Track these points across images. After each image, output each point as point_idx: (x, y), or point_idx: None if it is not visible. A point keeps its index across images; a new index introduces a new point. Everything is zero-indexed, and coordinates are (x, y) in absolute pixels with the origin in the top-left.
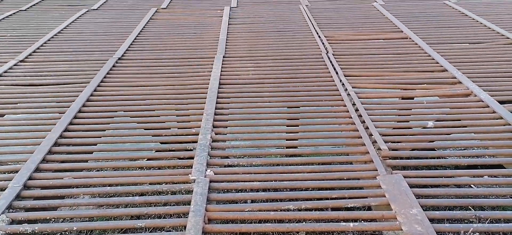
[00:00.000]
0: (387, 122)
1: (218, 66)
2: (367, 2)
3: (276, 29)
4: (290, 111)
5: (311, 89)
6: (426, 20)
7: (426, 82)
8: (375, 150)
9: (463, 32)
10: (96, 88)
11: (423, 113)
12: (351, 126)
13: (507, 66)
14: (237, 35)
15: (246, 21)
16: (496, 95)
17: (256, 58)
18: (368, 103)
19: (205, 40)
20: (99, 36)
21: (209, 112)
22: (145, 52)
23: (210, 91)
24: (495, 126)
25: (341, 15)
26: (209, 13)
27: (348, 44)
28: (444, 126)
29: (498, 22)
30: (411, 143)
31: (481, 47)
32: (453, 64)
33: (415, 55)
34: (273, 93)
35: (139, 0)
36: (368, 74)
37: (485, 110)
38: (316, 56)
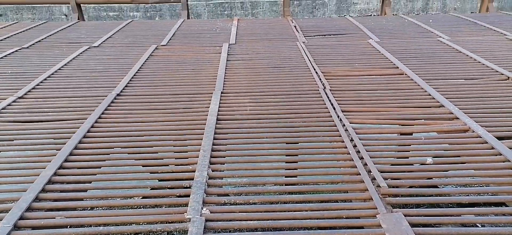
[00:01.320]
0: (385, 158)
1: (216, 102)
2: (362, 40)
3: (274, 65)
4: (289, 147)
5: (309, 125)
6: (421, 57)
7: (423, 118)
8: (374, 187)
9: (457, 68)
10: (93, 124)
11: (422, 149)
12: (350, 162)
13: (502, 102)
14: (235, 71)
15: (244, 58)
16: (493, 131)
17: (254, 94)
18: (366, 139)
19: (204, 77)
20: (99, 73)
21: (206, 149)
22: (144, 88)
23: (207, 127)
24: (495, 162)
25: (337, 52)
26: (208, 50)
27: (345, 80)
28: (443, 162)
29: (491, 58)
30: (410, 180)
31: (476, 83)
32: (450, 99)
33: (411, 90)
34: (271, 129)
35: (140, 38)
36: (365, 109)
37: (484, 147)
38: (314, 92)
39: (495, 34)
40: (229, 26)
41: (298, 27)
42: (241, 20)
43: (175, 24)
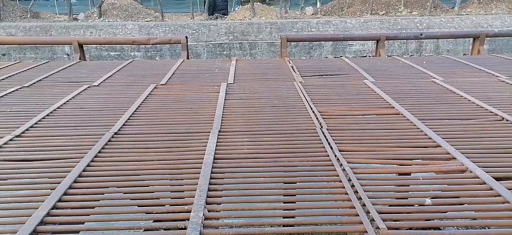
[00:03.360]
0: (384, 198)
1: (213, 141)
2: (358, 80)
3: (271, 104)
4: (286, 187)
5: (306, 164)
6: (415, 97)
7: (420, 158)
8: (373, 228)
9: (452, 108)
10: (89, 163)
11: (421, 189)
12: (348, 202)
13: (499, 142)
14: (233, 110)
15: (242, 97)
16: (491, 171)
17: (252, 133)
18: (364, 178)
19: (202, 115)
20: (97, 111)
21: (203, 188)
22: (142, 127)
23: (204, 166)
24: (495, 204)
25: (333, 91)
26: (206, 89)
27: (342, 119)
28: (442, 203)
29: (484, 99)
30: (410, 221)
31: (471, 123)
32: (446, 139)
33: (408, 130)
34: (269, 168)
35: (140, 77)
36: (362, 149)
37: (483, 187)
38: (311, 131)
39: (487, 75)
40: (228, 66)
41: (295, 68)
42: (239, 61)
43: (174, 63)
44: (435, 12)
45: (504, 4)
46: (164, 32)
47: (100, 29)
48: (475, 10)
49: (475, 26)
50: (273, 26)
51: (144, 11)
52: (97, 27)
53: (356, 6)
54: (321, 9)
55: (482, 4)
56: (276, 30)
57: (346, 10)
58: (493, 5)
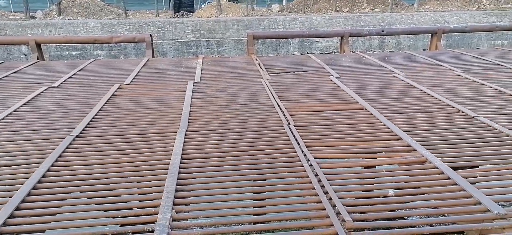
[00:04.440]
0: (349, 191)
1: (180, 140)
2: (324, 76)
3: (239, 102)
4: (256, 185)
5: (274, 161)
6: (379, 92)
7: (384, 151)
8: (339, 221)
9: (412, 102)
10: (49, 168)
11: (384, 181)
12: (315, 197)
13: (455, 134)
14: (200, 109)
15: (209, 95)
16: (448, 162)
17: (219, 131)
18: (330, 173)
19: (168, 115)
20: (57, 114)
21: (170, 189)
22: (105, 129)
23: (171, 167)
24: (452, 192)
25: (300, 87)
26: (172, 88)
27: (308, 115)
28: (405, 194)
29: (442, 92)
30: (375, 213)
31: (430, 116)
32: (407, 132)
33: (371, 124)
34: (237, 166)
35: (103, 77)
36: (328, 144)
37: (441, 177)
38: (278, 128)
39: (444, 70)
40: (194, 64)
41: (262, 65)
42: (206, 58)
43: (139, 62)
44: (396, 9)
45: (459, 2)
46: (128, 30)
47: (60, 27)
48: (433, 7)
49: (433, 22)
50: (240, 23)
51: (107, 8)
52: (57, 26)
53: (321, 4)
54: (287, 6)
55: (439, 1)
56: (243, 27)
57: (311, 7)
58: (449, 2)
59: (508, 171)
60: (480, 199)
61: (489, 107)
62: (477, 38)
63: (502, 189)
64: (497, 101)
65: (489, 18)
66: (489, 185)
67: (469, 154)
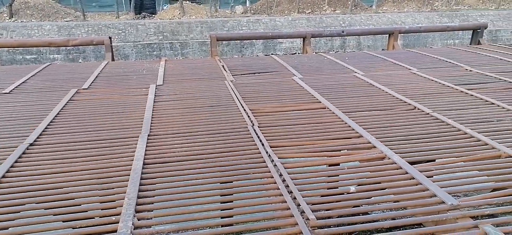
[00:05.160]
0: (313, 190)
1: (142, 145)
2: (287, 77)
3: (202, 105)
4: (223, 187)
5: (239, 163)
6: (340, 91)
7: (346, 148)
8: (303, 220)
9: (372, 100)
10: (0, 180)
11: (347, 178)
12: (280, 197)
13: (411, 130)
14: (162, 112)
15: (172, 98)
16: (406, 157)
17: (183, 135)
18: (294, 173)
19: (129, 119)
20: (9, 122)
21: (132, 196)
22: (62, 136)
23: (133, 173)
24: (410, 186)
25: (264, 88)
26: (133, 91)
27: (272, 116)
28: (367, 190)
29: (399, 91)
30: (338, 210)
31: (388, 113)
32: (367, 130)
33: (334, 123)
34: (202, 169)
35: (59, 82)
36: (292, 144)
37: (399, 172)
38: (243, 129)
39: (401, 68)
40: (156, 67)
41: (226, 66)
42: (168, 61)
43: (98, 66)
44: (356, 10)
45: (414, 3)
46: (87, 33)
47: (12, 30)
48: (390, 8)
49: (391, 23)
50: (204, 25)
51: (63, 10)
52: (9, 29)
53: (283, 5)
54: (251, 8)
55: (396, 2)
56: (207, 29)
57: (274, 8)
58: (404, 4)
59: (460, 163)
60: (435, 191)
61: (443, 104)
62: (431, 38)
63: (456, 181)
64: (450, 98)
65: (441, 19)
66: (443, 178)
67: (425, 149)
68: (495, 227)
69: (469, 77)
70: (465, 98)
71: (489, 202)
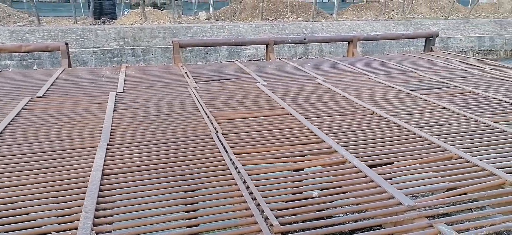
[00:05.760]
0: (278, 196)
1: (101, 155)
2: (250, 83)
3: (165, 112)
4: (186, 196)
5: (203, 171)
6: (302, 97)
7: (309, 154)
8: (267, 226)
9: (333, 106)
10: None
11: (311, 183)
12: (244, 204)
13: (370, 134)
14: (123, 121)
15: (133, 106)
16: (365, 161)
17: (144, 144)
18: (258, 179)
19: (87, 129)
20: None
21: (89, 209)
22: (14, 147)
23: (91, 185)
24: (369, 189)
25: (227, 95)
26: (92, 99)
27: (236, 122)
28: (330, 194)
29: (359, 96)
30: (302, 214)
31: (349, 118)
32: (329, 135)
33: (296, 129)
34: (165, 178)
35: (11, 90)
36: (256, 150)
37: (359, 176)
38: (206, 136)
39: (360, 75)
40: (117, 74)
41: (189, 73)
42: (129, 68)
43: (54, 73)
44: (317, 18)
45: (372, 12)
46: (42, 38)
47: None
48: (350, 16)
49: (350, 31)
50: (167, 31)
51: (16, 14)
52: None
53: (247, 12)
54: (214, 14)
55: (355, 11)
56: (170, 35)
57: (238, 15)
58: (363, 12)
59: (416, 165)
60: (393, 193)
61: (399, 109)
62: (388, 45)
63: (412, 183)
64: (406, 103)
65: (397, 27)
66: (401, 180)
67: (383, 152)
68: (448, 226)
69: (423, 83)
70: (419, 103)
71: (443, 201)
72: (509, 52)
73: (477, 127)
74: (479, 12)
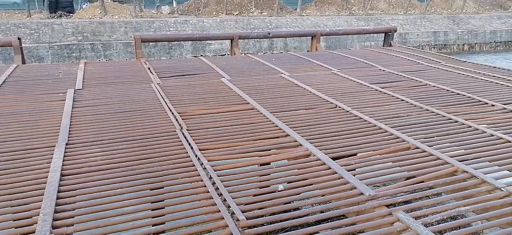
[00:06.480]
0: (244, 190)
1: (59, 155)
2: (215, 79)
3: (127, 109)
4: (152, 194)
5: (168, 168)
6: (267, 91)
7: (274, 148)
8: (233, 221)
9: (297, 100)
10: None
11: (277, 177)
12: (209, 200)
13: (333, 127)
14: (82, 119)
15: (93, 103)
16: (329, 153)
17: (106, 142)
18: (224, 174)
19: (44, 128)
20: None
21: (47, 212)
22: None
23: (49, 186)
24: (333, 180)
25: (192, 91)
26: (49, 97)
27: (201, 118)
28: (296, 186)
29: (322, 90)
30: (269, 208)
31: (313, 112)
32: (293, 129)
33: (262, 123)
34: (128, 177)
35: None
36: (221, 146)
37: (323, 168)
38: (171, 133)
39: (323, 69)
40: (75, 70)
41: (152, 69)
42: (88, 64)
43: (5, 70)
44: (282, 13)
45: (334, 7)
46: None
47: None
48: (313, 11)
49: (314, 26)
50: (128, 25)
51: None
52: None
53: (211, 6)
54: (178, 9)
55: (318, 6)
56: (132, 29)
57: (202, 10)
58: (326, 7)
59: (377, 156)
60: (355, 184)
61: (360, 102)
62: (351, 40)
63: (373, 173)
64: (366, 96)
65: (358, 22)
66: (363, 171)
67: (346, 144)
68: (406, 213)
69: (382, 77)
70: (379, 96)
71: (402, 190)
72: (461, 47)
73: (433, 118)
74: (434, 8)
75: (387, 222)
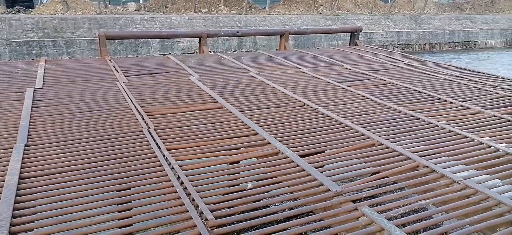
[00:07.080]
0: (213, 190)
1: (17, 157)
2: (184, 77)
3: (91, 109)
4: (119, 195)
5: (135, 169)
6: (236, 90)
7: (243, 146)
8: (202, 221)
9: (266, 98)
10: None
11: (247, 175)
12: (178, 200)
13: (301, 125)
14: (43, 119)
15: (54, 103)
16: (297, 151)
17: (69, 143)
18: (193, 174)
19: (0, 129)
20: None
21: (4, 217)
22: None
23: (6, 190)
24: (301, 178)
25: (160, 90)
26: (5, 96)
27: (168, 117)
28: (265, 184)
29: (290, 88)
30: (237, 207)
31: (281, 110)
32: (262, 127)
33: (231, 122)
34: (93, 179)
35: None
36: (190, 145)
37: (291, 165)
38: (137, 133)
39: (292, 68)
40: (35, 68)
41: (118, 67)
42: (49, 61)
43: None
44: (251, 11)
45: (302, 6)
46: None
47: None
48: (282, 10)
49: (283, 24)
50: (93, 21)
51: None
52: None
53: (179, 4)
54: (145, 5)
55: (286, 5)
56: (97, 26)
57: (170, 7)
58: (294, 6)
59: (344, 153)
60: (322, 180)
61: (328, 100)
62: (318, 39)
63: (339, 169)
64: (333, 94)
65: (326, 22)
66: (329, 168)
67: (313, 142)
68: (371, 208)
69: (349, 75)
70: (346, 94)
71: (367, 185)
72: (423, 46)
73: (396, 115)
74: (397, 8)
75: (353, 217)
